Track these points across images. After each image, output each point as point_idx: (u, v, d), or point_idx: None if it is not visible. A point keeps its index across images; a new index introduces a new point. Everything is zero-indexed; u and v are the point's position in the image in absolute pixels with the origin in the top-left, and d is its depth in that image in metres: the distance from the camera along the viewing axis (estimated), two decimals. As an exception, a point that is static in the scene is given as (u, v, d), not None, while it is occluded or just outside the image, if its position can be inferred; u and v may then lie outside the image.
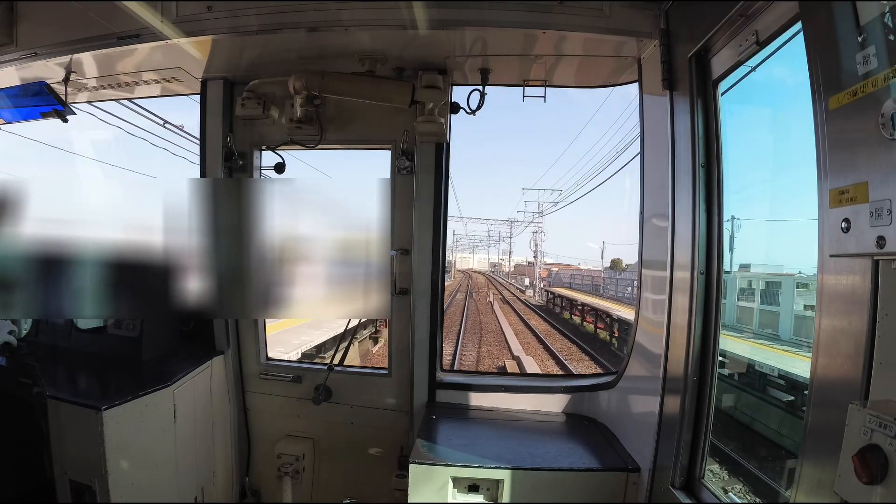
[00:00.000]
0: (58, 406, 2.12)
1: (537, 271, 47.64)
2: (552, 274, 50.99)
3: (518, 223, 59.49)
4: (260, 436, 3.07)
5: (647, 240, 2.36)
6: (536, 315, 27.32)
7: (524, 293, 46.06)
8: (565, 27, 2.20)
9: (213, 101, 2.82)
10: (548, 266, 55.70)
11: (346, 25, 2.26)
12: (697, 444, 1.91)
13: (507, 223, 63.29)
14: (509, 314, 27.11)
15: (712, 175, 1.87)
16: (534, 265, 48.89)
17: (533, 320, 24.61)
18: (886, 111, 0.97)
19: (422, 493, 2.10)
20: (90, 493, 2.09)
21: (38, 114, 2.75)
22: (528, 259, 67.78)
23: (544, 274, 49.90)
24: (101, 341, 2.70)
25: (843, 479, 1.06)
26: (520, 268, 78.24)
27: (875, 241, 1.00)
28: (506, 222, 63.49)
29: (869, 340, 1.11)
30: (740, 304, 8.59)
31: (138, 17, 2.27)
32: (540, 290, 42.99)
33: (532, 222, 51.14)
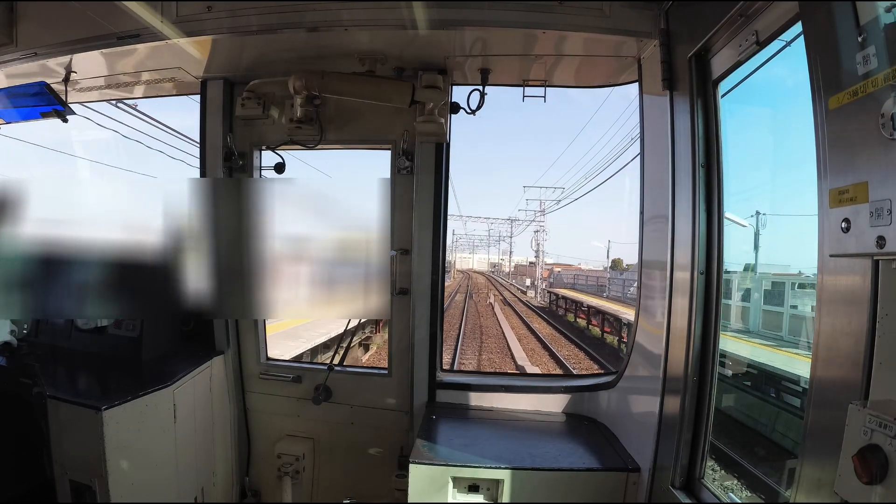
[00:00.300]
0: (58, 406, 2.12)
1: (539, 271, 46.51)
2: (553, 274, 49.95)
3: (519, 222, 58.28)
4: (260, 436, 3.07)
5: (647, 240, 2.36)
6: (539, 318, 26.48)
7: (526, 294, 45.00)
8: (565, 27, 2.20)
9: (213, 101, 2.82)
10: (549, 266, 54.07)
11: (346, 25, 2.26)
12: (697, 443, 1.91)
13: (508, 222, 61.35)
14: (511, 317, 26.27)
15: (712, 175, 1.87)
16: (535, 265, 47.88)
17: (536, 323, 23.64)
18: (886, 111, 0.97)
19: (422, 493, 2.10)
20: (90, 493, 2.09)
21: (37, 114, 2.75)
22: (529, 259, 65.72)
23: (545, 274, 48.90)
24: (101, 341, 2.70)
25: (843, 478, 1.06)
26: (520, 268, 76.76)
27: (875, 241, 1.00)
28: (506, 221, 61.46)
29: (869, 340, 1.11)
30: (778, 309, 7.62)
31: (138, 17, 2.27)
32: (542, 290, 42.20)
33: (534, 221, 49.57)
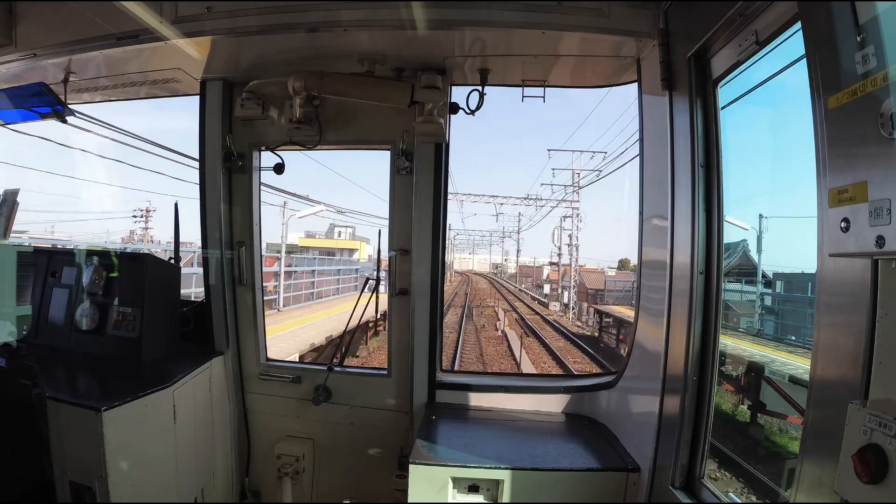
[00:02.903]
0: (58, 407, 2.11)
1: (572, 276, 31.07)
2: (564, 278, 32.22)
3: (541, 202, 35.55)
4: (260, 436, 3.07)
5: (646, 240, 2.36)
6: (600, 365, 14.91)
7: (548, 307, 32.82)
8: (564, 27, 2.20)
9: (213, 101, 2.82)
10: (555, 266, 35.50)
11: (346, 26, 2.26)
12: (697, 443, 1.91)
13: (525, 202, 37.45)
14: (548, 366, 15.35)
15: (712, 175, 1.87)
16: (562, 266, 32.20)
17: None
18: (885, 110, 0.97)
19: (422, 493, 2.10)
20: (90, 493, 2.09)
21: (37, 115, 2.75)
22: (538, 259, 56.15)
23: (553, 276, 35.13)
24: (101, 342, 2.70)
25: (843, 478, 1.06)
26: (525, 269, 66.46)
27: (874, 241, 1.00)
28: (522, 200, 37.55)
29: (868, 340, 1.11)
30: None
31: (137, 17, 2.26)
32: (573, 304, 29.76)
33: (563, 200, 31.22)
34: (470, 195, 34.69)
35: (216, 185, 2.82)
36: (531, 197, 36.74)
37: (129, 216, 30.78)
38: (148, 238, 30.38)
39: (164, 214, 37.15)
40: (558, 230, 32.62)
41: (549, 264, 45.25)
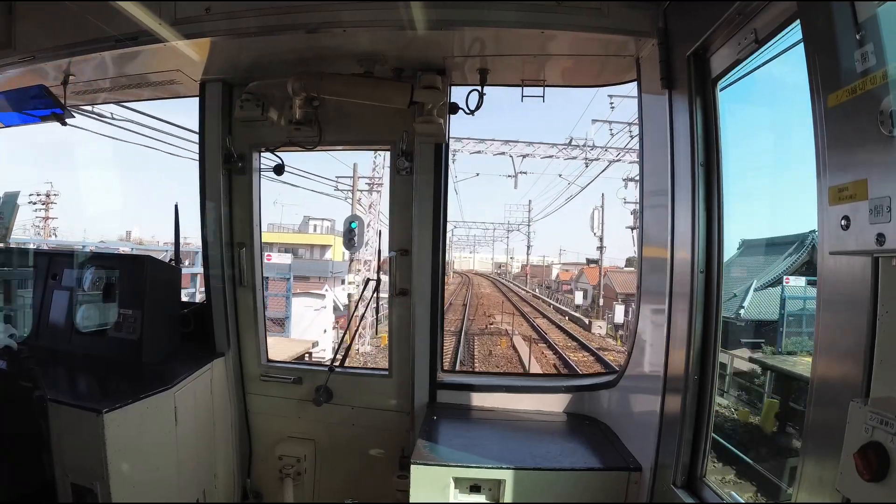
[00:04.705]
0: (59, 409, 2.11)
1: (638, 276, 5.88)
2: (576, 280, 26.83)
3: (594, 150, 20.22)
4: (261, 437, 3.07)
5: (646, 239, 2.36)
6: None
7: (590, 329, 22.61)
8: (564, 27, 2.20)
9: (212, 102, 2.81)
10: (565, 266, 28.46)
11: (345, 26, 2.26)
12: (699, 442, 1.91)
13: (566, 150, 20.38)
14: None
15: (712, 174, 1.87)
16: (593, 265, 23.23)
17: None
18: (885, 108, 0.97)
19: (423, 493, 2.10)
20: (91, 495, 2.09)
21: (36, 117, 2.74)
22: (548, 258, 49.95)
23: (563, 276, 27.39)
24: (102, 344, 2.70)
25: (845, 476, 1.06)
26: (533, 269, 59.00)
27: (875, 239, 1.00)
28: (562, 148, 20.47)
29: (869, 338, 1.11)
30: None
31: (136, 19, 2.26)
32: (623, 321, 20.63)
33: (628, 150, 18.92)
34: (470, 139, 19.73)
35: (216, 186, 2.82)
36: (575, 143, 20.24)
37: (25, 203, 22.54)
38: (49, 231, 23.41)
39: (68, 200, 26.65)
40: (598, 212, 24.17)
41: (560, 264, 38.51)
